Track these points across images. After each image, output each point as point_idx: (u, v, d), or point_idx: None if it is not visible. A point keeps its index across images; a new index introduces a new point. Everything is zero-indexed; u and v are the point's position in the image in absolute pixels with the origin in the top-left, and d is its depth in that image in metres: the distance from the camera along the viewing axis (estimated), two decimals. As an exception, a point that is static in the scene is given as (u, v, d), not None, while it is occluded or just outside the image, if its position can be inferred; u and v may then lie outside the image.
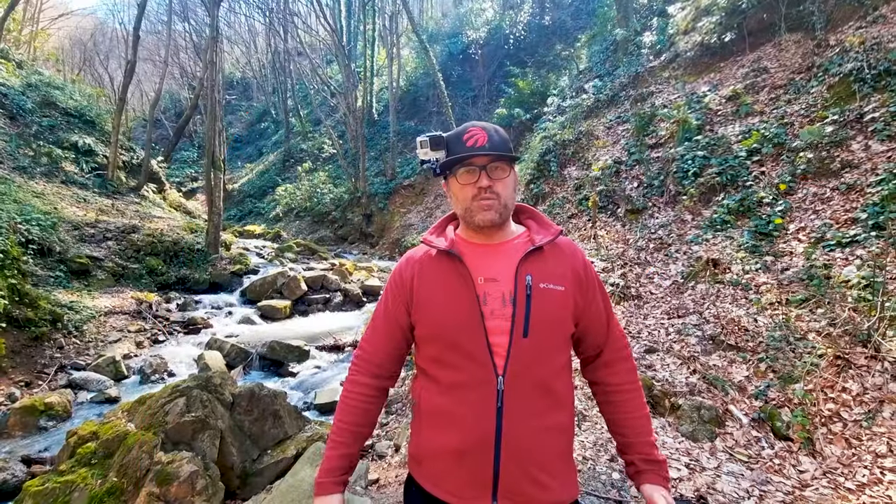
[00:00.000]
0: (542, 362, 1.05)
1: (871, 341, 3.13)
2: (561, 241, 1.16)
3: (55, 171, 10.44)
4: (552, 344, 1.07)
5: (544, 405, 1.06)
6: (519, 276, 1.06)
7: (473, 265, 1.09)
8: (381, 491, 3.06)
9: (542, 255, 1.11)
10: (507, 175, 1.10)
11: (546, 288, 1.07)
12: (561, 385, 1.08)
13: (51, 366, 5.44)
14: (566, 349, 1.12)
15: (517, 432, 1.02)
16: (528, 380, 1.04)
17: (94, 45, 26.16)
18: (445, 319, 1.06)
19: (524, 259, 1.08)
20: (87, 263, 7.59)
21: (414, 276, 1.14)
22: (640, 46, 10.14)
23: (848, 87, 5.32)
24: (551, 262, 1.11)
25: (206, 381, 3.13)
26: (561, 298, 1.08)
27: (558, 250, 1.14)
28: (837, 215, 4.34)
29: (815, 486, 2.59)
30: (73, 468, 2.48)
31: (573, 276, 1.11)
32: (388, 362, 1.19)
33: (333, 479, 1.11)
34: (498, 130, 1.13)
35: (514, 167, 1.14)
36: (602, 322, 1.17)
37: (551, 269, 1.10)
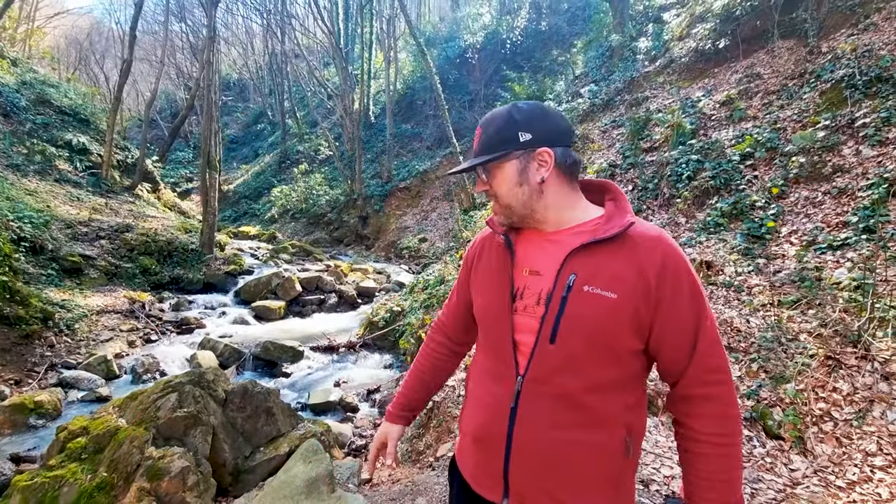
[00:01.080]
0: (571, 374, 0.92)
1: (861, 342, 3.16)
2: (639, 232, 0.94)
3: (48, 170, 10.36)
4: (589, 357, 0.92)
5: (568, 419, 0.94)
6: (562, 273, 0.94)
7: (523, 254, 1.03)
8: (374, 489, 3.05)
9: (601, 249, 0.93)
10: (500, 171, 1.00)
11: (590, 292, 0.91)
12: (600, 402, 0.93)
13: (41, 364, 5.39)
14: (616, 365, 0.93)
15: (529, 437, 0.95)
16: (551, 388, 0.94)
17: (90, 45, 26.08)
18: (485, 305, 1.07)
19: (574, 254, 0.94)
20: (79, 262, 7.53)
21: (475, 256, 1.15)
22: (636, 52, 10.24)
23: (839, 93, 5.40)
24: (611, 260, 0.92)
25: (198, 377, 3.11)
26: (610, 307, 0.90)
27: (629, 246, 0.92)
28: (829, 219, 4.39)
29: (805, 484, 2.61)
30: (63, 463, 2.45)
31: (636, 281, 0.90)
32: (457, 329, 1.27)
33: (398, 412, 1.28)
34: (492, 121, 1.02)
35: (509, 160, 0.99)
36: (681, 344, 0.92)
37: (607, 270, 0.92)
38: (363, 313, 7.95)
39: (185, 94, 22.66)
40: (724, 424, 0.93)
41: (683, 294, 0.91)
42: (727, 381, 0.94)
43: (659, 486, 2.63)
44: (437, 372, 1.30)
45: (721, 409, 0.93)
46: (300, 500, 2.40)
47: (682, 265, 0.92)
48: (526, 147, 0.98)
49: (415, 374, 1.29)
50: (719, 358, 0.94)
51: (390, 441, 1.26)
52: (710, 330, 0.93)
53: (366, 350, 6.58)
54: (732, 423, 0.93)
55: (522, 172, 0.99)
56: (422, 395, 1.30)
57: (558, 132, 1.00)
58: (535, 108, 1.01)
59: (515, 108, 1.01)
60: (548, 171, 0.98)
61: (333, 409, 4.97)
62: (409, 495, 2.75)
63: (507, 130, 0.99)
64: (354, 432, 4.49)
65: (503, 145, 0.99)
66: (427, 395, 1.31)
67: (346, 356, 6.44)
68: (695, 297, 0.92)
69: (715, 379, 0.93)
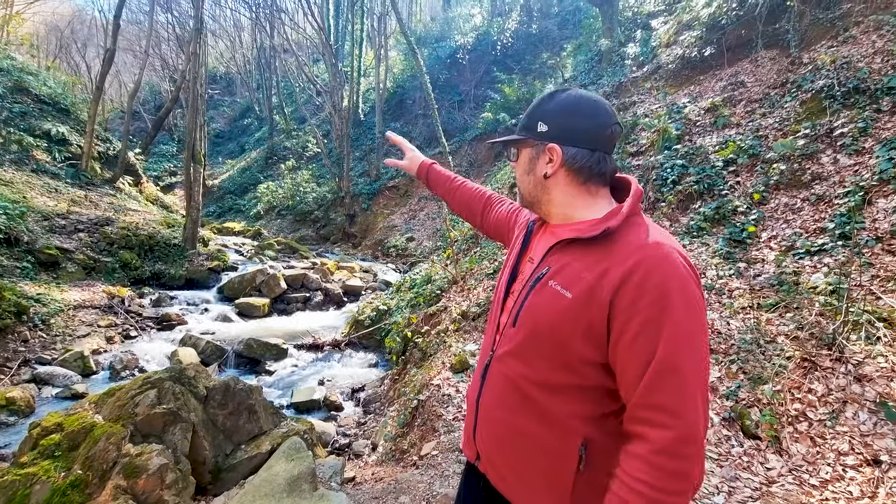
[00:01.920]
0: (520, 361, 0.95)
1: (835, 344, 3.25)
2: (625, 238, 0.88)
3: (25, 160, 10.06)
4: (539, 352, 0.92)
5: (517, 404, 0.96)
6: (541, 264, 0.98)
7: (535, 243, 1.08)
8: (357, 488, 3.03)
9: (578, 248, 0.92)
10: (518, 158, 1.03)
11: (552, 287, 0.91)
12: (551, 402, 0.91)
13: (14, 360, 5.23)
14: (567, 370, 0.89)
15: (486, 410, 1.04)
16: (505, 369, 0.99)
17: (71, 33, 25.40)
18: (497, 284, 1.15)
19: (555, 248, 0.96)
20: (56, 255, 7.32)
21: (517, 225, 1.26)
22: (624, 57, 10.37)
23: (819, 103, 5.54)
24: (586, 260, 0.89)
25: (179, 373, 3.05)
26: (563, 305, 0.88)
27: (607, 250, 0.87)
28: (807, 225, 4.50)
29: (781, 482, 2.67)
30: (35, 460, 2.38)
31: (594, 285, 0.84)
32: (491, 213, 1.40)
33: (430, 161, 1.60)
34: (535, 101, 1.01)
35: (526, 147, 1.00)
36: (632, 370, 0.81)
37: (575, 269, 0.89)
38: (349, 312, 7.90)
39: (169, 86, 22.21)
40: (648, 473, 0.77)
41: (645, 308, 0.79)
42: (672, 426, 0.77)
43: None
44: (463, 189, 1.49)
45: (652, 456, 0.77)
46: (281, 498, 2.37)
47: (659, 277, 0.80)
48: (540, 139, 0.98)
49: (455, 177, 1.54)
50: (673, 395, 0.77)
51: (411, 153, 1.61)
52: (670, 359, 0.77)
53: (351, 349, 6.54)
54: (661, 478, 0.76)
55: (531, 162, 1.00)
56: (442, 182, 1.53)
57: (580, 132, 0.94)
58: (571, 101, 0.96)
59: (552, 95, 0.99)
60: (553, 168, 0.97)
61: (317, 408, 4.92)
62: (393, 493, 2.74)
63: (531, 117, 0.99)
64: (338, 431, 4.46)
65: (524, 130, 1.01)
66: (443, 188, 1.52)
67: (330, 355, 6.39)
68: (662, 314, 0.78)
69: (656, 420, 0.78)
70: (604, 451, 0.89)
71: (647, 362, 0.79)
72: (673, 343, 0.78)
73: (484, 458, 1.05)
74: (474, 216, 1.45)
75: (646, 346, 0.79)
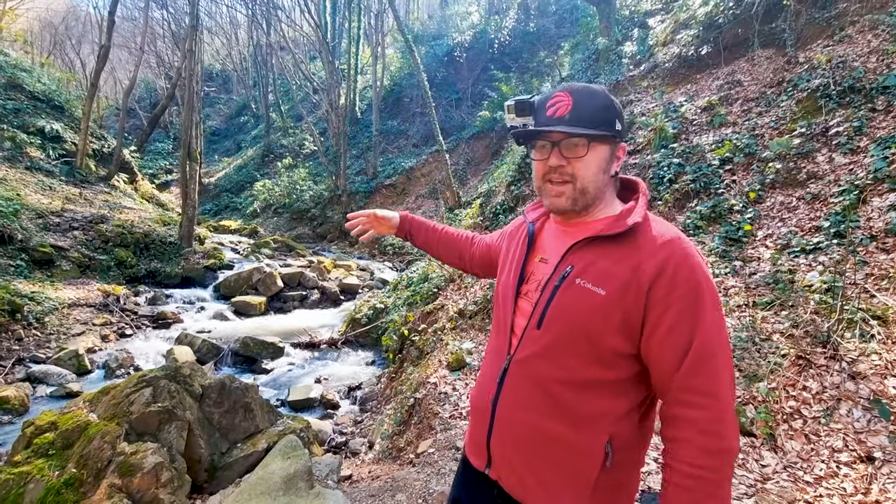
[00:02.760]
0: (549, 362, 0.94)
1: (830, 342, 3.27)
2: (649, 233, 0.91)
3: (19, 157, 9.99)
4: (571, 350, 0.92)
5: (542, 406, 0.95)
6: (562, 263, 0.96)
7: (543, 242, 1.07)
8: (354, 486, 3.03)
9: (606, 246, 0.93)
10: (588, 153, 0.93)
11: (581, 285, 0.91)
12: (578, 400, 0.92)
13: (8, 358, 5.20)
14: (599, 365, 0.91)
15: (506, 414, 1.00)
16: (530, 371, 0.97)
17: (65, 29, 25.21)
18: (501, 285, 1.12)
19: (576, 246, 0.95)
20: (50, 253, 7.28)
21: (507, 236, 1.23)
22: (621, 56, 10.38)
23: (815, 102, 5.56)
24: (608, 257, 0.91)
25: (174, 372, 3.04)
26: (597, 302, 0.89)
27: (633, 246, 0.90)
28: (802, 223, 4.52)
29: (775, 479, 2.69)
30: (29, 459, 2.36)
31: (629, 280, 0.87)
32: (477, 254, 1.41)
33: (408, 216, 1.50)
34: (594, 95, 0.95)
35: (607, 143, 0.95)
36: (668, 355, 0.86)
37: (603, 266, 0.91)
38: (346, 310, 7.89)
39: (165, 83, 22.08)
40: (697, 455, 0.83)
41: (678, 300, 0.85)
42: (710, 407, 0.84)
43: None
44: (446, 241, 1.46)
45: (698, 436, 0.83)
46: (278, 496, 2.37)
47: (688, 270, 0.86)
48: (618, 137, 0.96)
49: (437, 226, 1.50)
50: (709, 379, 0.84)
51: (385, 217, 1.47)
52: (705, 346, 0.84)
53: (348, 347, 6.53)
54: (709, 457, 0.83)
55: (608, 161, 0.97)
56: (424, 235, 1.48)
57: (626, 130, 1.01)
58: (612, 99, 0.98)
59: (606, 92, 0.97)
60: (619, 167, 1.00)
61: (314, 406, 4.92)
62: (389, 491, 2.74)
63: (609, 112, 0.94)
64: (335, 429, 4.45)
65: (604, 126, 0.93)
66: (425, 239, 1.48)
67: (327, 353, 6.38)
68: (695, 305, 0.84)
69: (696, 402, 0.84)
70: (626, 446, 0.94)
71: (685, 350, 0.84)
72: (707, 331, 0.85)
73: (499, 463, 1.02)
74: (462, 260, 1.46)
75: (683, 335, 0.85)
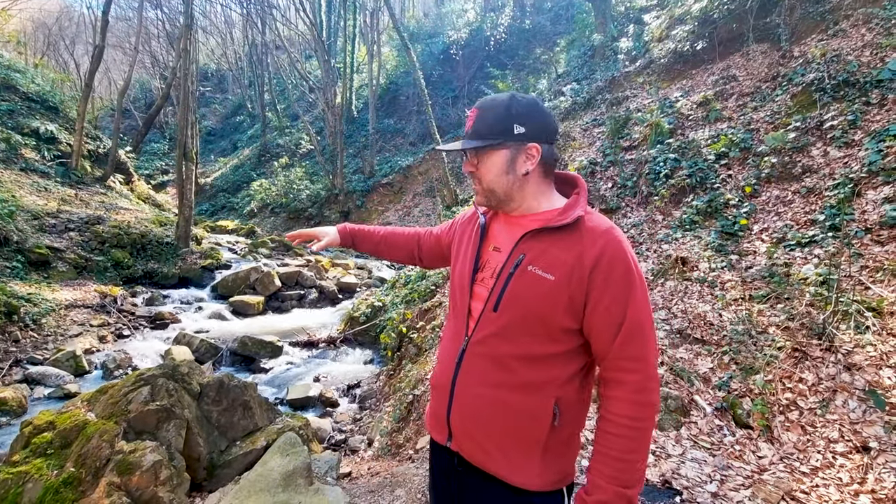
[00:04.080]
0: (505, 340, 1.05)
1: (825, 334, 3.29)
2: (589, 225, 1.03)
3: (14, 158, 9.93)
4: (524, 329, 1.03)
5: (498, 379, 1.06)
6: (514, 252, 1.07)
7: (493, 233, 1.18)
8: (353, 482, 3.04)
9: (553, 236, 1.04)
10: (489, 158, 1.08)
11: (533, 272, 1.02)
12: (530, 371, 1.04)
13: (5, 360, 5.17)
14: (549, 341, 1.03)
15: (465, 389, 1.11)
16: (487, 349, 1.08)
17: (59, 29, 25.06)
18: (457, 274, 1.22)
19: (529, 236, 1.06)
20: (46, 254, 7.25)
21: (458, 227, 1.33)
22: (617, 52, 10.39)
23: (809, 96, 5.58)
24: (559, 246, 1.03)
25: (172, 370, 3.04)
26: (548, 287, 1.00)
27: (576, 235, 1.02)
28: (798, 217, 4.54)
29: (772, 470, 2.70)
30: (27, 459, 2.36)
31: (574, 266, 0.99)
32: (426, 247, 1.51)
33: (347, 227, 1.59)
34: (492, 107, 1.07)
35: (506, 147, 1.06)
36: (606, 328, 1.00)
37: (552, 254, 1.02)
38: (344, 309, 7.89)
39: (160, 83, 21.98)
40: (629, 408, 0.99)
41: (614, 282, 0.99)
42: (641, 370, 1.01)
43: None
44: (392, 238, 1.56)
45: (631, 394, 1.00)
46: (277, 493, 2.37)
47: (620, 257, 1.00)
48: (519, 140, 1.06)
49: (378, 229, 1.58)
50: (640, 346, 1.01)
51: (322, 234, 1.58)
52: (635, 320, 1.00)
53: (346, 345, 6.53)
54: (638, 409, 0.99)
55: (511, 163, 1.08)
56: (368, 238, 1.57)
57: (548, 130, 1.09)
58: (533, 103, 1.09)
59: (514, 99, 1.08)
60: (533, 165, 1.08)
61: (313, 405, 4.92)
62: (388, 487, 2.75)
63: (504, 121, 1.06)
64: (334, 427, 4.46)
65: (498, 135, 1.06)
66: (371, 243, 1.57)
67: (325, 352, 6.38)
68: (626, 286, 1.00)
69: (629, 366, 1.01)
70: (571, 406, 1.07)
71: (619, 324, 1.00)
72: (636, 308, 1.00)
73: (459, 435, 1.13)
74: (412, 258, 1.56)
75: (618, 312, 1.00)
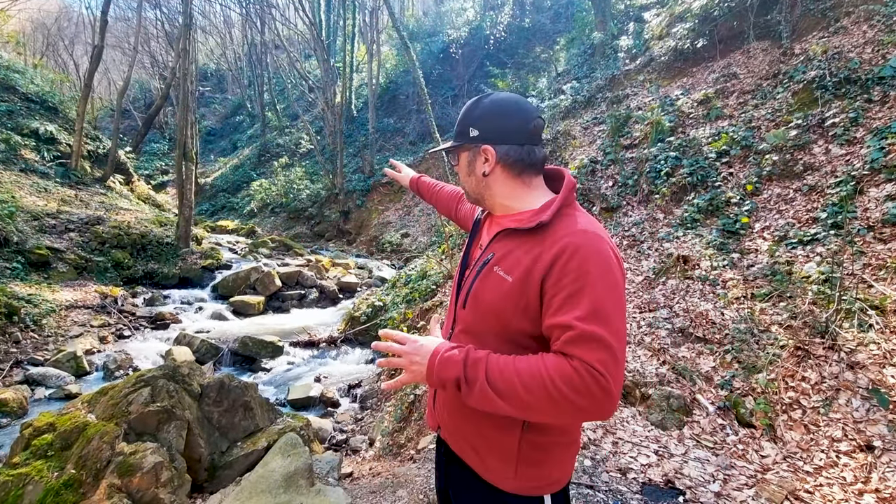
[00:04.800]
0: (473, 338, 1.04)
1: (828, 332, 3.27)
2: (558, 224, 0.97)
3: (13, 159, 9.92)
4: (484, 327, 1.03)
5: None
6: (486, 251, 1.09)
7: (483, 231, 1.20)
8: (355, 482, 3.03)
9: (518, 237, 1.01)
10: (458, 161, 1.14)
11: (496, 272, 1.01)
12: None
13: (6, 361, 5.17)
14: (510, 344, 0.99)
15: None
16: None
17: (58, 30, 25.04)
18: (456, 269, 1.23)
19: (499, 236, 1.06)
20: (47, 255, 7.24)
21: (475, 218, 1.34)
22: (617, 50, 10.36)
23: (811, 93, 5.56)
24: (524, 247, 0.99)
25: (172, 371, 3.03)
26: (505, 288, 0.98)
27: (541, 237, 0.97)
28: (799, 215, 4.53)
29: (775, 469, 2.69)
30: (28, 461, 2.35)
31: (530, 268, 0.95)
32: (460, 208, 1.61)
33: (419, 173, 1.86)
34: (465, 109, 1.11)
35: (469, 148, 1.09)
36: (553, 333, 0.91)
37: (515, 256, 0.99)
38: (344, 308, 7.88)
39: (159, 83, 21.96)
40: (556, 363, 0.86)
41: (566, 286, 0.89)
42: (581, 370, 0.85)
43: (636, 473, 2.68)
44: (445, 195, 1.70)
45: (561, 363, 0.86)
46: (278, 494, 2.36)
47: (578, 260, 0.90)
48: (473, 142, 1.08)
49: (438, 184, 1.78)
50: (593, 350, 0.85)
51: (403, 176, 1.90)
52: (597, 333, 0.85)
53: (347, 345, 6.52)
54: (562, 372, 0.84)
55: (471, 164, 1.11)
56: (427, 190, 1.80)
57: (507, 131, 1.05)
58: (495, 104, 1.07)
59: (477, 102, 1.09)
60: (490, 167, 1.08)
61: (314, 405, 4.91)
62: (390, 487, 2.74)
63: (462, 124, 1.10)
64: (335, 427, 4.45)
65: (458, 137, 1.12)
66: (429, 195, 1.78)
67: (326, 351, 6.37)
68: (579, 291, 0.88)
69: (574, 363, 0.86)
70: None
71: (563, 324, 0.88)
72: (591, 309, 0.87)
73: (443, 427, 1.17)
74: (450, 211, 1.65)
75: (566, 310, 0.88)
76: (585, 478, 2.61)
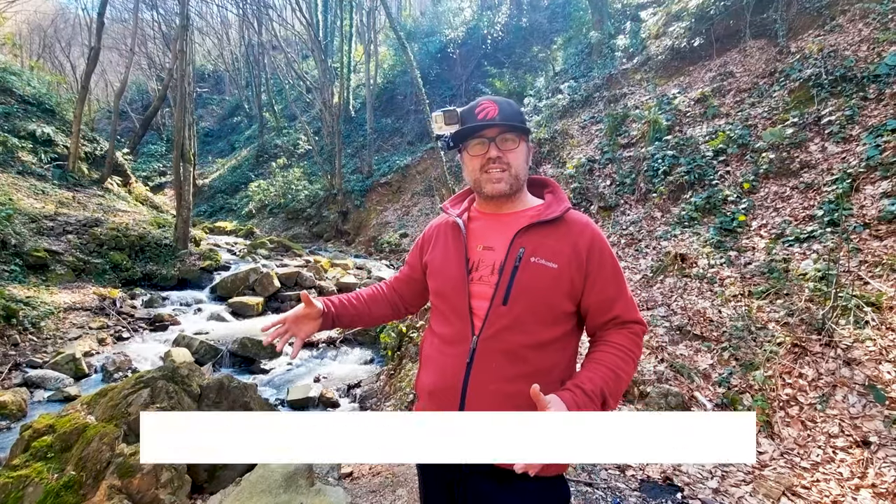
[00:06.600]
0: (519, 332, 1.08)
1: (825, 329, 3.29)
2: (573, 217, 1.15)
3: (10, 161, 9.90)
4: (535, 317, 1.08)
5: (514, 372, 1.08)
6: (513, 247, 1.12)
7: (476, 233, 1.21)
8: (355, 482, 3.04)
9: (544, 229, 1.12)
10: (517, 146, 1.15)
11: (536, 262, 1.09)
12: (541, 358, 1.09)
13: (4, 363, 5.16)
14: (554, 325, 1.11)
15: (481, 388, 1.10)
16: (501, 345, 1.09)
17: (54, 32, 24.98)
18: (443, 278, 1.21)
19: (523, 231, 1.12)
20: (44, 257, 7.23)
21: (431, 237, 1.31)
22: (614, 49, 10.38)
23: (807, 91, 5.59)
24: (553, 237, 1.12)
25: (172, 372, 3.03)
26: (553, 275, 1.08)
27: (566, 227, 1.13)
28: (796, 213, 4.55)
29: (773, 465, 2.71)
30: (28, 462, 2.35)
31: (571, 255, 1.10)
32: (411, 291, 1.41)
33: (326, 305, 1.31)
34: (511, 104, 1.17)
35: (526, 139, 1.17)
36: (604, 307, 1.13)
37: (550, 245, 1.11)
38: (343, 308, 7.87)
39: (157, 84, 21.92)
40: (627, 341, 1.12)
41: (606, 269, 1.13)
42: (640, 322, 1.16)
43: (635, 471, 2.69)
44: (371, 305, 1.39)
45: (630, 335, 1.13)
46: (278, 493, 2.37)
47: (606, 246, 1.15)
48: (529, 136, 1.20)
49: (354, 297, 1.39)
50: (634, 311, 1.16)
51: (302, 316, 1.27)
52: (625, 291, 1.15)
53: (346, 346, 6.52)
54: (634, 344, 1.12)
55: (528, 153, 1.20)
56: (350, 312, 1.35)
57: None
58: None
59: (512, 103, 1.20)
60: (529, 161, 1.21)
61: (313, 405, 4.91)
62: (390, 487, 2.75)
63: (522, 116, 1.18)
64: (334, 427, 4.45)
65: (524, 125, 1.16)
66: (353, 315, 1.35)
67: (325, 352, 6.37)
68: (613, 268, 1.14)
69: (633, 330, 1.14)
70: None
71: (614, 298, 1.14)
72: (622, 282, 1.16)
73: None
74: (397, 311, 1.43)
75: (613, 288, 1.14)
76: (584, 475, 2.62)
